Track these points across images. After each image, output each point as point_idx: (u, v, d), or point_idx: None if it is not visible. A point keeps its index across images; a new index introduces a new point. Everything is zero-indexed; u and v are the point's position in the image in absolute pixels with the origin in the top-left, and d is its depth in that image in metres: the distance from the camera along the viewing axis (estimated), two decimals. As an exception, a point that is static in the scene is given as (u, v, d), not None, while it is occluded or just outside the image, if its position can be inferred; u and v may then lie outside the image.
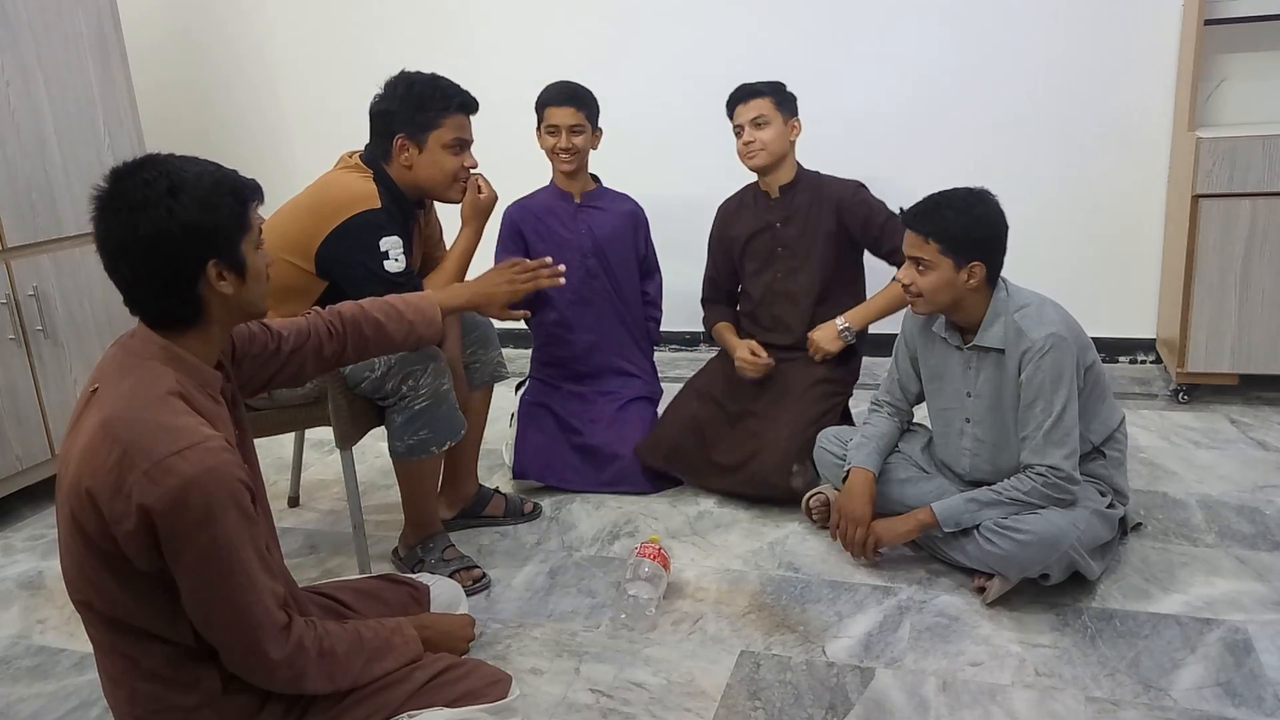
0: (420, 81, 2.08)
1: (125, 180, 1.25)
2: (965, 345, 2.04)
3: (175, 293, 1.27)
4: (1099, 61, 3.24)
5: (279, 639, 1.24)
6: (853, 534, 2.11)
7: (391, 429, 2.08)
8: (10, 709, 1.86)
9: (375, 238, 2.00)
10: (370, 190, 2.04)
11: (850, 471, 2.17)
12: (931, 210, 1.95)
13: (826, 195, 2.61)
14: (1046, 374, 1.91)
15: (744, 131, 2.57)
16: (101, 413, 1.21)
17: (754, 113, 2.55)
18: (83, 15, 2.83)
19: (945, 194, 1.97)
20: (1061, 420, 1.91)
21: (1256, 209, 2.79)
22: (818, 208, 2.61)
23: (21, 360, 2.69)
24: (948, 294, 1.96)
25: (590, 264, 2.72)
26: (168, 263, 1.25)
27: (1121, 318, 3.42)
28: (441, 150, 2.09)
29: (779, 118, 2.56)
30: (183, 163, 1.28)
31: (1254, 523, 2.27)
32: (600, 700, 1.76)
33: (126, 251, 1.24)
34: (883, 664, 1.82)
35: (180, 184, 1.24)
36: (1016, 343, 1.95)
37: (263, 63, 4.14)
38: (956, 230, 1.92)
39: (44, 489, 2.82)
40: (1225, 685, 1.70)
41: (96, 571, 1.23)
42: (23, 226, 2.68)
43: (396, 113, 2.07)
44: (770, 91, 2.57)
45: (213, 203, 1.26)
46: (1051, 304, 2.00)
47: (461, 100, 2.10)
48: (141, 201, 1.22)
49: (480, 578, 2.18)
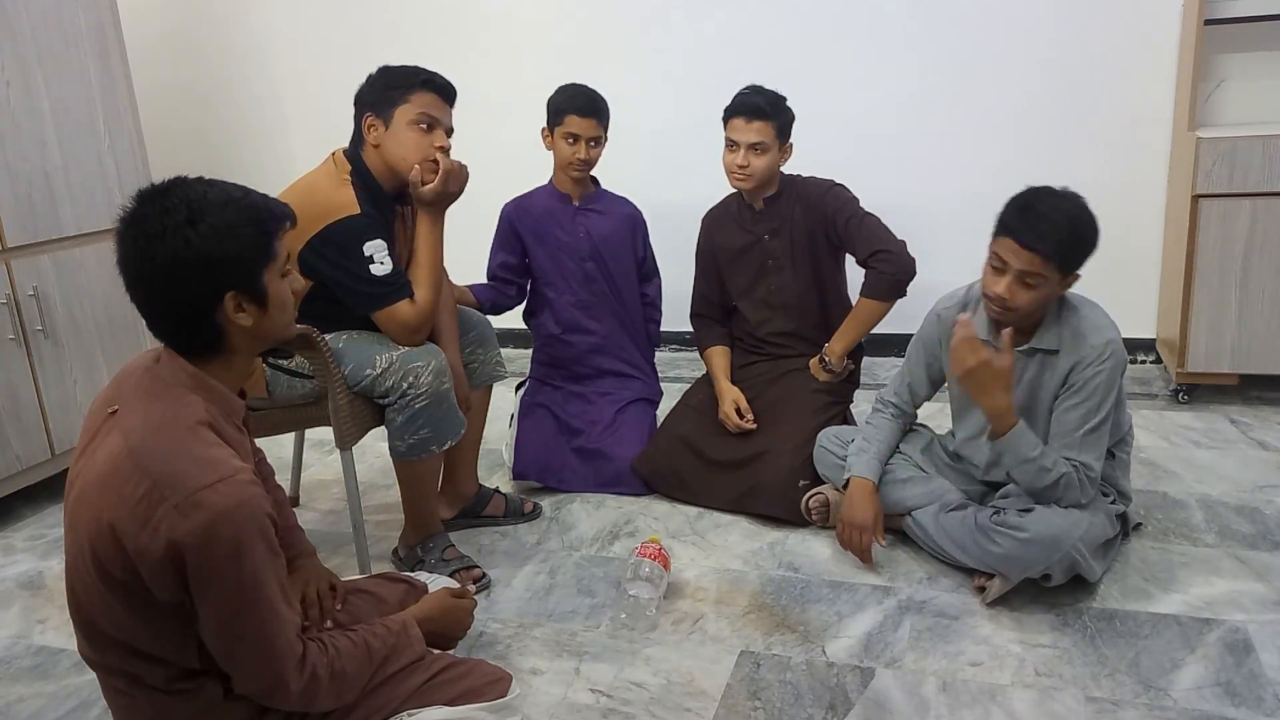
0: (391, 67, 2.08)
1: (147, 205, 1.22)
2: (1018, 347, 1.96)
3: (193, 322, 1.24)
4: (1099, 61, 3.24)
5: (297, 671, 1.23)
6: (857, 540, 2.10)
7: (391, 429, 2.08)
8: (10, 709, 1.86)
9: (358, 243, 1.98)
10: (347, 198, 2.01)
11: (850, 480, 2.16)
12: (1048, 227, 1.81)
13: (806, 200, 2.57)
14: (1103, 380, 1.89)
15: (739, 151, 2.47)
16: (127, 441, 1.17)
17: (755, 137, 2.45)
18: (83, 15, 2.82)
19: (1052, 204, 1.84)
20: (1102, 426, 1.91)
21: (1256, 209, 2.79)
22: (801, 215, 2.57)
23: (21, 360, 2.69)
24: (1044, 308, 1.92)
25: (588, 267, 2.72)
26: (184, 293, 1.21)
27: (1121, 318, 3.37)
28: (407, 126, 2.04)
29: (776, 145, 2.48)
30: (208, 189, 1.23)
31: (1254, 523, 2.27)
32: (600, 700, 1.76)
33: (143, 279, 1.22)
34: (883, 664, 1.82)
35: (201, 212, 1.20)
36: (1073, 347, 1.92)
37: (263, 63, 4.14)
38: (1073, 247, 1.83)
39: (44, 489, 2.82)
40: (1225, 685, 1.70)
41: (107, 600, 1.20)
42: (23, 226, 2.67)
43: (364, 94, 2.08)
44: (775, 115, 2.46)
45: (233, 233, 1.21)
46: (1099, 308, 1.98)
47: (427, 78, 2.07)
48: (160, 230, 1.19)
49: (480, 578, 2.18)
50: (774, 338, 2.70)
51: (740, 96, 2.50)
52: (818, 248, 2.58)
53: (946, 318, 2.12)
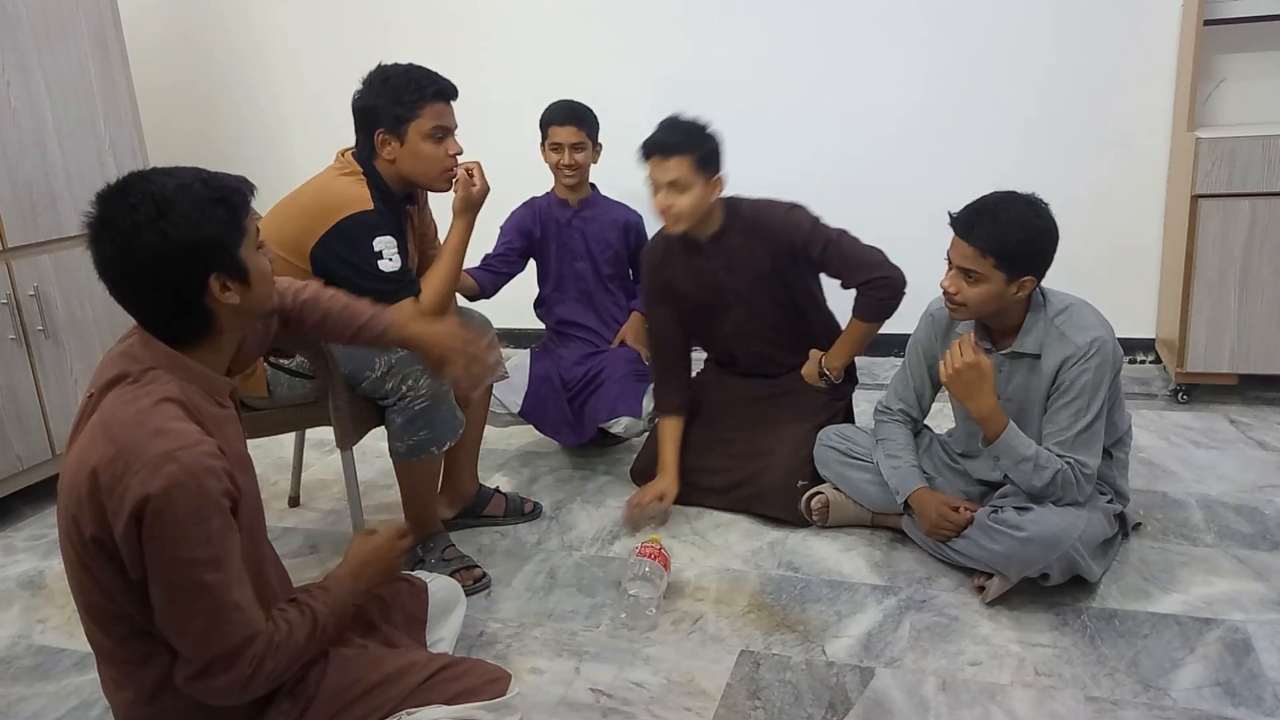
0: (395, 74, 2.07)
1: (112, 206, 1.23)
2: (999, 350, 2.01)
3: (183, 310, 1.27)
4: (1098, 62, 3.24)
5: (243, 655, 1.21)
6: (955, 531, 2.04)
7: (391, 429, 2.09)
8: (11, 709, 1.86)
9: (368, 238, 2.00)
10: (362, 194, 2.03)
11: (909, 500, 2.12)
12: (988, 222, 1.86)
13: (761, 230, 2.37)
14: (1090, 378, 1.90)
15: (658, 191, 2.27)
16: (100, 417, 1.22)
17: (670, 174, 2.22)
18: (83, 15, 2.83)
19: (1000, 203, 1.89)
20: (1094, 424, 1.91)
21: (1256, 209, 2.79)
22: (759, 247, 2.37)
23: (22, 360, 2.70)
24: (994, 305, 1.93)
25: (579, 266, 2.91)
26: (169, 284, 1.24)
27: (1121, 318, 3.37)
28: (422, 141, 2.06)
29: (699, 180, 2.24)
30: (164, 179, 1.25)
31: (1253, 522, 2.27)
32: (600, 700, 1.77)
33: (127, 278, 1.25)
34: (882, 663, 1.82)
35: (167, 204, 1.21)
36: (1058, 348, 1.93)
37: (263, 63, 4.15)
38: (1015, 246, 1.86)
39: (44, 489, 2.82)
40: (1224, 685, 1.70)
41: (95, 576, 1.23)
42: (23, 227, 2.68)
43: (374, 108, 2.06)
44: (690, 148, 2.21)
45: (205, 216, 1.23)
46: (1088, 306, 1.99)
47: (437, 88, 2.07)
48: (132, 228, 1.21)
49: (480, 577, 2.18)
50: (752, 363, 2.60)
51: (652, 134, 2.29)
52: (787, 276, 2.41)
53: (940, 317, 2.14)
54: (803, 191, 3.68)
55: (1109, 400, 1.96)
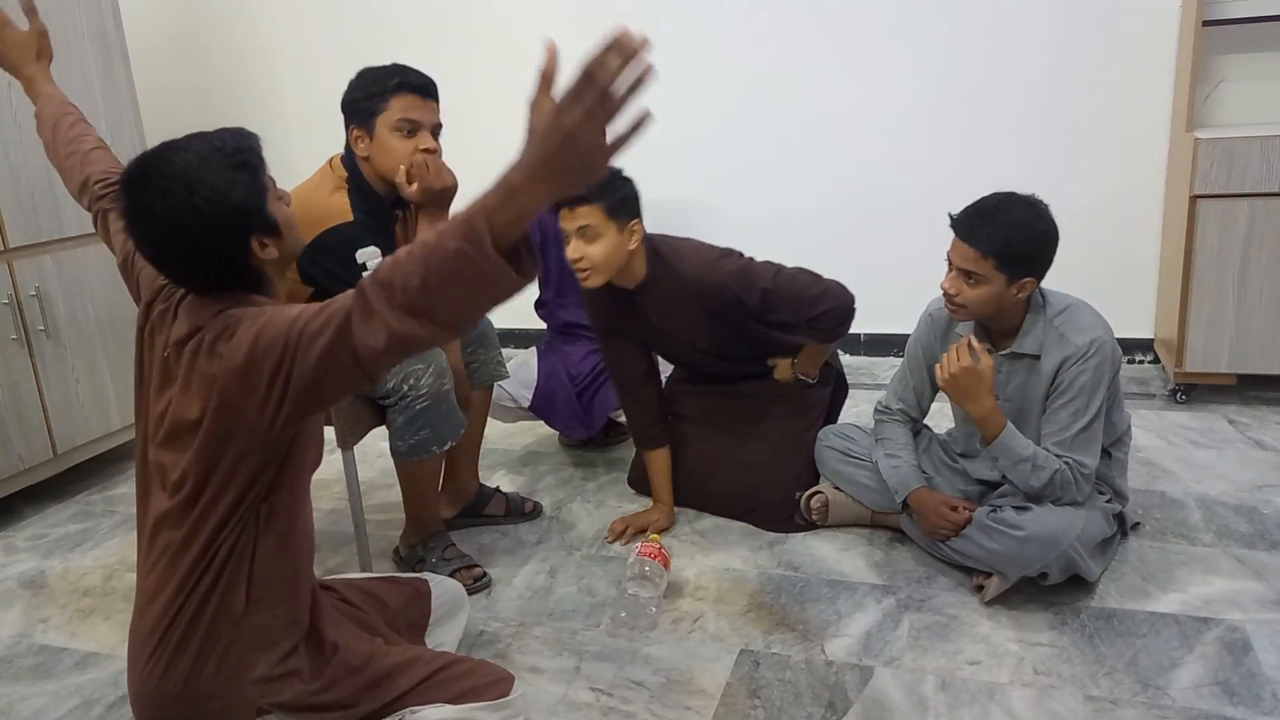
0: (370, 70, 2.05)
1: (142, 195, 1.25)
2: (999, 351, 2.01)
3: (238, 275, 1.32)
4: (1097, 62, 3.24)
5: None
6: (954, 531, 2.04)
7: (392, 429, 2.09)
8: (12, 708, 1.87)
9: (349, 251, 1.97)
10: (341, 206, 2.02)
11: (907, 500, 2.13)
12: (989, 224, 1.86)
13: (688, 286, 2.24)
14: (1088, 378, 1.91)
15: (569, 242, 2.13)
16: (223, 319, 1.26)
17: (580, 221, 2.09)
18: (84, 15, 2.83)
19: (1001, 205, 1.89)
20: (1093, 425, 1.92)
21: (1254, 209, 2.79)
22: (690, 300, 2.26)
23: (24, 360, 2.70)
24: (994, 306, 1.94)
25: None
26: (216, 253, 1.28)
27: (1119, 318, 3.38)
28: (390, 134, 2.01)
29: (612, 227, 2.11)
30: (181, 156, 1.27)
31: (1252, 522, 2.28)
32: (600, 699, 1.77)
33: (178, 260, 1.29)
34: (881, 662, 1.83)
35: (195, 181, 1.24)
36: (1058, 348, 1.94)
37: (264, 63, 4.15)
38: (1016, 247, 1.86)
39: (45, 489, 2.83)
40: (1223, 684, 1.70)
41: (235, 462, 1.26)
42: (25, 227, 2.68)
43: (349, 103, 2.06)
44: (599, 196, 2.07)
45: (232, 184, 1.27)
46: (1087, 306, 1.99)
47: (402, 79, 2.02)
48: (170, 213, 1.24)
49: (481, 576, 2.18)
50: (717, 375, 2.54)
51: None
52: (728, 319, 2.31)
53: (940, 318, 2.14)
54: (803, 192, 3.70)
55: (1108, 400, 1.97)
